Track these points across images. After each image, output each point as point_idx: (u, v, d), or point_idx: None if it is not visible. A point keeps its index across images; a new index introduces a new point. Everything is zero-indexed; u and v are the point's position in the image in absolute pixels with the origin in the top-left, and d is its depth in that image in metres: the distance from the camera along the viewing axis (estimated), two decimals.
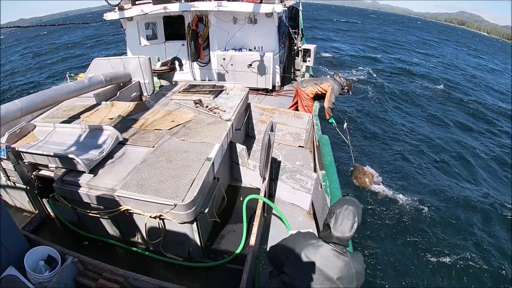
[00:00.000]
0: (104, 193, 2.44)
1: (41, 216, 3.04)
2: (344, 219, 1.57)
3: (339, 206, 1.62)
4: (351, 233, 1.56)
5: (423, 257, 5.45)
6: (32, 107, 2.90)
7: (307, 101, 5.39)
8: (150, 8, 6.36)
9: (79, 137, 2.93)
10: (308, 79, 5.75)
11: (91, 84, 3.73)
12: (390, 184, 7.26)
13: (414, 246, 5.67)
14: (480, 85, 18.78)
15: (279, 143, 4.83)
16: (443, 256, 5.49)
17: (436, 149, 9.49)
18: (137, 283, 2.04)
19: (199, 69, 7.52)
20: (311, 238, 1.70)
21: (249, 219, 2.87)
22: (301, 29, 11.08)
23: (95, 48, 26.04)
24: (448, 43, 42.34)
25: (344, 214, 1.58)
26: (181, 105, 3.97)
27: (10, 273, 1.86)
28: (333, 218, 1.60)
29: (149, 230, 2.44)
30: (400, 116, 12.00)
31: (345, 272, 1.56)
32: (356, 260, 1.62)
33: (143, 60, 4.64)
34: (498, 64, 29.73)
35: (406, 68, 20.05)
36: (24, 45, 32.63)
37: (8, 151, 2.59)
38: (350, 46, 27.10)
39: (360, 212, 1.61)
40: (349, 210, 1.58)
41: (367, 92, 14.21)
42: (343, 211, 1.59)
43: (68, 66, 18.81)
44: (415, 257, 5.43)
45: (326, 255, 1.59)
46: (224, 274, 2.58)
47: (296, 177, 3.32)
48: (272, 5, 6.22)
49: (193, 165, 2.64)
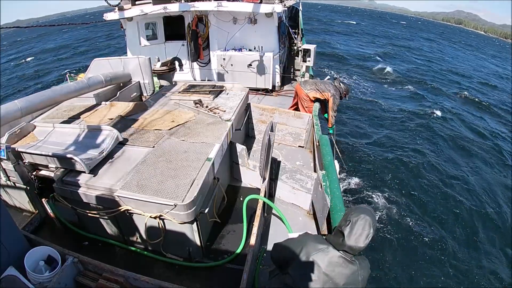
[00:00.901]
0: (104, 193, 2.44)
1: (41, 216, 3.04)
2: (359, 229, 1.49)
3: (356, 215, 1.53)
4: (365, 244, 1.50)
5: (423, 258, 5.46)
6: (32, 107, 2.90)
7: (308, 102, 5.41)
8: (150, 8, 6.36)
9: (79, 137, 2.94)
10: (310, 82, 5.74)
11: (91, 84, 3.73)
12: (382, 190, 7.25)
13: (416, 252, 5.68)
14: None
15: (279, 143, 4.83)
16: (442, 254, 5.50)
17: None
18: (137, 283, 2.04)
19: (199, 69, 7.52)
20: (320, 243, 1.65)
21: (249, 219, 2.87)
22: (301, 29, 11.08)
23: (86, 54, 23.41)
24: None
25: (360, 223, 1.50)
26: (181, 105, 3.97)
27: (10, 273, 1.86)
28: (348, 226, 1.52)
29: (149, 230, 2.44)
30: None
31: (352, 280, 1.55)
32: (363, 268, 1.59)
33: (143, 60, 4.64)
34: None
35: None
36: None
37: (8, 151, 2.59)
38: (356, 47, 26.33)
39: (375, 224, 1.54)
40: (365, 220, 1.50)
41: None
42: (360, 220, 1.51)
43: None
44: (414, 257, 5.44)
45: (334, 262, 1.56)
46: (224, 274, 2.58)
47: (296, 177, 3.32)
48: (272, 5, 6.22)
49: (193, 165, 2.64)
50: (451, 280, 5.10)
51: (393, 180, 7.62)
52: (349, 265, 1.55)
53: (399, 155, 8.86)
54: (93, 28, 37.55)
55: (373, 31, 42.42)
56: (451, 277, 5.14)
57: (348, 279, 1.54)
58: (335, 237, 1.59)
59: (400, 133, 10.54)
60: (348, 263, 1.55)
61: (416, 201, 6.94)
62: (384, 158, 8.58)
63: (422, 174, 8.01)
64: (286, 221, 2.89)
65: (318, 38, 27.97)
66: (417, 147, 9.50)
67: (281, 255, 1.84)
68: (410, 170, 8.14)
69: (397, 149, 9.30)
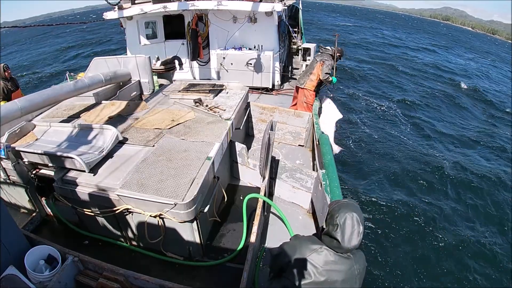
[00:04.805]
0: (104, 192, 2.45)
1: (41, 216, 3.05)
2: (349, 229, 1.49)
3: (342, 216, 1.52)
4: (358, 241, 1.50)
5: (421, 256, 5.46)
6: (32, 106, 2.90)
7: (310, 97, 5.36)
8: (149, 7, 6.35)
9: (79, 137, 2.93)
10: (302, 74, 5.69)
11: (91, 84, 3.72)
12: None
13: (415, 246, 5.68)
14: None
15: (279, 142, 4.83)
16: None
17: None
18: (138, 282, 2.04)
19: (199, 68, 7.52)
20: (314, 243, 1.65)
21: (249, 218, 2.87)
22: (301, 28, 11.07)
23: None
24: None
25: (348, 224, 1.50)
26: (181, 104, 3.97)
27: (10, 272, 1.85)
28: (339, 231, 1.51)
29: (149, 229, 2.44)
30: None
31: (349, 275, 1.56)
32: (358, 262, 1.60)
33: (142, 59, 4.63)
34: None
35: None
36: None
37: (8, 151, 2.59)
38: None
39: (362, 216, 1.54)
40: (352, 219, 1.50)
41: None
42: (347, 220, 1.50)
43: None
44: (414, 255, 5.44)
45: (330, 260, 1.56)
46: (224, 273, 2.59)
47: (296, 176, 3.32)
48: (272, 4, 6.22)
49: (193, 164, 2.64)
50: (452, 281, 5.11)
51: (394, 177, 7.64)
52: (345, 261, 1.56)
53: (402, 150, 8.89)
54: (93, 28, 37.17)
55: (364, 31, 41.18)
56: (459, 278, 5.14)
57: (346, 275, 1.55)
58: (330, 242, 1.58)
59: (399, 131, 10.56)
60: (344, 259, 1.56)
61: (421, 200, 6.94)
62: (385, 154, 8.61)
63: (428, 173, 8.02)
64: (286, 220, 2.89)
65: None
66: (422, 147, 9.52)
67: (277, 261, 1.82)
68: (415, 166, 8.16)
69: (398, 145, 9.33)
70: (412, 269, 5.18)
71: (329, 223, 1.60)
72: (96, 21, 6.63)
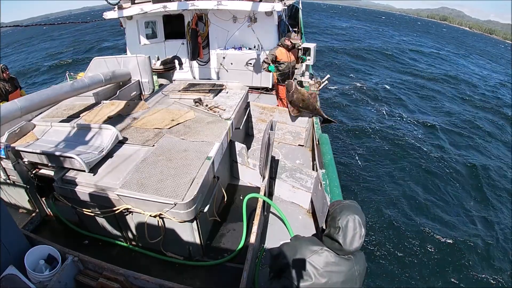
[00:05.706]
0: (104, 192, 2.44)
1: (41, 215, 3.05)
2: (351, 231, 1.48)
3: (344, 218, 1.50)
4: (360, 243, 1.49)
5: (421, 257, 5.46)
6: (32, 106, 2.89)
7: (280, 91, 5.35)
8: (149, 7, 6.35)
9: (79, 136, 2.93)
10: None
11: (91, 83, 3.72)
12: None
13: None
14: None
15: (279, 141, 4.83)
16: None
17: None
18: (138, 282, 2.04)
19: (199, 68, 7.51)
20: (314, 244, 1.64)
21: (249, 217, 2.87)
22: (301, 28, 11.06)
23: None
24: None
25: (350, 226, 1.48)
26: (181, 104, 3.97)
27: (10, 272, 1.85)
28: (340, 234, 1.49)
29: (149, 229, 2.44)
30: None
31: (350, 276, 1.56)
32: (359, 262, 1.59)
33: (142, 59, 4.63)
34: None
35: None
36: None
37: (8, 150, 2.59)
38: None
39: (364, 218, 1.52)
40: (354, 222, 1.48)
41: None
42: (349, 223, 1.48)
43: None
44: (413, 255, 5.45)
45: (331, 262, 1.56)
46: (224, 272, 2.59)
47: (296, 175, 3.32)
48: (271, 3, 6.21)
49: (193, 164, 2.64)
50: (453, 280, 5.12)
51: (395, 177, 7.64)
52: (345, 262, 1.56)
53: (401, 150, 8.89)
54: (93, 28, 37.14)
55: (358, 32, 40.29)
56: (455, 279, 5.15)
57: (346, 276, 1.55)
58: (331, 245, 1.57)
59: (399, 129, 10.57)
60: (344, 260, 1.56)
61: (420, 199, 6.95)
62: (386, 152, 8.62)
63: (429, 173, 8.03)
64: (286, 220, 2.89)
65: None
66: (421, 144, 9.53)
67: (277, 261, 1.82)
68: (415, 166, 8.17)
69: (398, 144, 9.35)
70: (412, 269, 5.19)
71: (330, 225, 1.58)
72: (96, 20, 6.62)
